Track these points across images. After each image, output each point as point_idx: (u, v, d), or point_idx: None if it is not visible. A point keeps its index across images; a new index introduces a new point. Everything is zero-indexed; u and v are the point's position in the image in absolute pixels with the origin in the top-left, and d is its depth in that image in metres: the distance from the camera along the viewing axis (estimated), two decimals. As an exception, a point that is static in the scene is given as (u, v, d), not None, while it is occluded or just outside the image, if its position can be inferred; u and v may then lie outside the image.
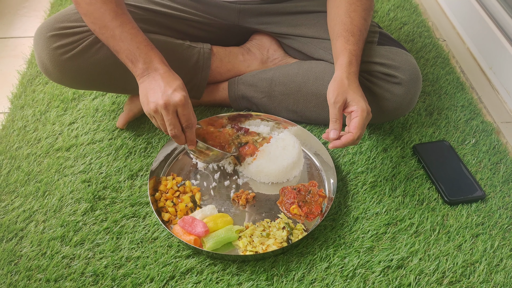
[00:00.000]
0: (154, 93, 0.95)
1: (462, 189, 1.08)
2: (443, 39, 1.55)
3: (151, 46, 0.99)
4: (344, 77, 0.98)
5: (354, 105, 0.96)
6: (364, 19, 1.04)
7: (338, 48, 1.02)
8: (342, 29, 1.03)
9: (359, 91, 0.98)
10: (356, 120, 0.95)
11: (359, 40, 1.02)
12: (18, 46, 1.52)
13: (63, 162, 1.13)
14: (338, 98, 0.96)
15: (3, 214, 1.02)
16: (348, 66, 0.99)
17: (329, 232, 1.00)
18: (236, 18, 1.22)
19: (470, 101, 1.30)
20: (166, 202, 1.03)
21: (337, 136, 0.96)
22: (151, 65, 0.97)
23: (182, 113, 0.95)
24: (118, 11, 0.98)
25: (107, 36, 0.98)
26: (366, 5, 1.06)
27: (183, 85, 0.97)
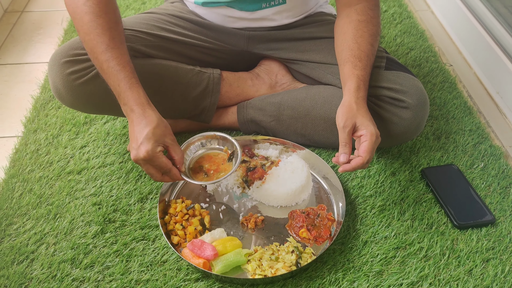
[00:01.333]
0: (131, 143, 0.98)
1: (472, 213, 1.07)
2: (450, 64, 1.56)
3: (131, 83, 0.98)
4: (352, 102, 0.99)
5: (363, 129, 0.97)
6: (371, 45, 1.06)
7: (345, 73, 1.04)
8: (350, 55, 1.05)
9: (368, 115, 0.99)
10: (365, 144, 0.96)
11: (367, 65, 1.04)
12: (32, 72, 1.56)
13: (74, 185, 1.15)
14: (347, 122, 0.97)
15: (15, 237, 1.03)
16: (356, 91, 1.00)
17: (338, 256, 1.00)
18: (245, 44, 1.25)
19: (478, 125, 1.31)
20: (175, 225, 1.04)
21: (347, 160, 0.97)
22: (127, 107, 0.98)
23: (153, 164, 0.97)
24: (110, 44, 0.98)
25: (99, 68, 1.00)
26: (373, 31, 1.08)
27: (154, 130, 0.95)
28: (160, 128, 0.97)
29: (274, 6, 1.18)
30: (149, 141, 0.94)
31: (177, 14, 1.25)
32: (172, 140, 0.99)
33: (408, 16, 1.77)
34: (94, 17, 0.97)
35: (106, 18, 0.98)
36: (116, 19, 1.01)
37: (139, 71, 1.11)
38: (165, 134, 0.98)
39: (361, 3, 1.09)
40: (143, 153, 0.94)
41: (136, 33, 1.16)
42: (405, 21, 1.74)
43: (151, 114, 0.97)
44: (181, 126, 1.26)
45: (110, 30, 0.98)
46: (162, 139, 0.97)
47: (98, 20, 0.98)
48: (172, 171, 0.99)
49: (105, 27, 0.98)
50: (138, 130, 0.96)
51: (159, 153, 0.96)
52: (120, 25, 1.02)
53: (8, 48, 1.66)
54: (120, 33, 1.02)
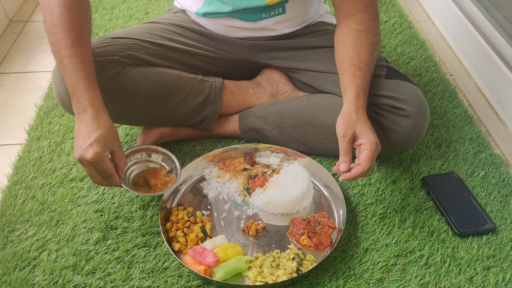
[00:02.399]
0: (77, 141, 0.97)
1: (472, 221, 1.07)
2: (450, 74, 1.57)
3: (90, 84, 0.98)
4: (352, 111, 1.00)
5: (363, 138, 0.97)
6: (370, 54, 1.07)
7: (345, 83, 1.05)
8: (349, 64, 1.06)
9: (368, 124, 1.00)
10: (365, 152, 0.96)
11: (366, 74, 1.05)
12: (36, 80, 1.57)
13: (77, 192, 1.15)
14: (347, 131, 0.98)
15: (17, 243, 1.04)
16: (356, 100, 1.01)
17: (339, 263, 1.00)
18: (247, 54, 1.26)
19: (478, 134, 1.31)
20: (177, 232, 1.04)
21: (347, 168, 0.97)
22: (80, 105, 0.97)
23: (97, 167, 0.97)
24: (76, 41, 0.98)
25: (58, 62, 1.00)
26: (372, 40, 1.09)
27: (105, 135, 0.96)
28: (111, 133, 0.97)
29: (274, 16, 1.20)
30: (98, 144, 0.94)
31: (179, 24, 1.26)
32: (119, 146, 1.00)
33: (408, 26, 1.78)
34: (65, 11, 0.98)
35: (77, 15, 0.99)
36: (86, 18, 1.02)
37: (141, 79, 1.13)
38: (114, 140, 0.98)
39: (360, 13, 1.10)
40: (90, 154, 0.94)
41: (140, 42, 1.18)
42: (406, 31, 1.76)
43: (104, 118, 0.97)
44: (183, 134, 1.27)
45: (79, 27, 0.99)
46: (110, 144, 0.97)
47: (68, 15, 0.98)
48: (113, 177, 0.99)
49: (75, 23, 0.98)
50: (89, 131, 0.95)
51: (105, 158, 0.96)
52: (88, 25, 1.03)
53: (12, 57, 1.68)
54: (87, 33, 1.02)
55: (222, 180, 1.17)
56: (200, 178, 1.19)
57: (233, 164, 1.21)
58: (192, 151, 1.27)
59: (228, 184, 1.16)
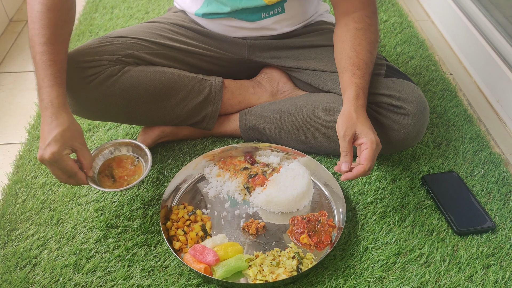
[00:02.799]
0: (39, 140, 0.96)
1: (472, 219, 1.08)
2: (450, 73, 1.57)
3: (55, 82, 0.97)
4: (352, 110, 1.00)
5: (363, 137, 0.98)
6: (369, 52, 1.07)
7: (345, 82, 1.05)
8: (348, 63, 1.06)
9: (368, 123, 1.00)
10: (366, 152, 0.97)
11: (365, 73, 1.05)
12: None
13: (77, 191, 1.15)
14: (347, 131, 0.99)
15: (18, 242, 1.04)
16: (355, 100, 1.02)
17: (339, 261, 1.01)
18: (247, 53, 1.27)
19: (478, 133, 1.32)
20: (177, 231, 1.04)
21: (348, 168, 0.98)
22: (43, 103, 0.97)
23: (58, 167, 0.96)
24: (51, 39, 0.98)
25: (32, 57, 1.00)
26: (371, 39, 1.09)
27: (63, 133, 0.95)
28: (70, 131, 0.96)
29: (274, 15, 1.20)
30: (56, 143, 0.94)
31: (179, 23, 1.27)
32: (81, 144, 0.99)
33: (408, 26, 1.78)
34: (45, 9, 0.99)
35: (57, 14, 0.99)
36: (67, 18, 1.02)
37: (142, 78, 1.13)
38: (74, 138, 0.97)
39: (358, 11, 1.10)
40: (48, 154, 0.93)
41: (140, 41, 1.18)
42: (406, 30, 1.76)
43: (63, 116, 0.96)
44: (184, 133, 1.28)
45: (56, 26, 0.99)
46: (70, 142, 0.96)
47: (48, 13, 0.98)
48: (77, 175, 0.98)
49: (52, 22, 0.99)
50: (48, 130, 0.95)
51: (65, 156, 0.95)
52: (68, 25, 1.03)
53: (12, 56, 1.68)
54: (65, 33, 1.02)
55: (222, 179, 1.17)
56: (200, 177, 1.19)
57: (233, 163, 1.21)
58: (192, 150, 1.27)
59: (228, 183, 1.16)
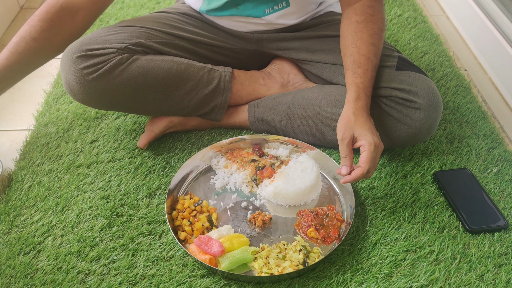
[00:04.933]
0: None
1: (484, 218, 1.05)
2: (465, 69, 1.54)
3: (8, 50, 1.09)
4: (350, 113, 1.00)
5: (362, 140, 0.97)
6: (372, 45, 1.05)
7: (347, 81, 1.05)
8: (350, 61, 1.05)
9: (367, 125, 0.99)
10: (364, 154, 0.96)
11: (367, 70, 1.03)
12: (45, 67, 1.55)
13: (83, 178, 1.14)
14: (345, 134, 0.98)
15: (22, 228, 1.03)
16: (355, 102, 1.01)
17: (347, 256, 0.98)
18: (255, 45, 1.25)
19: (492, 130, 1.29)
20: (182, 221, 1.03)
21: (348, 172, 0.97)
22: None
23: None
24: (25, 38, 1.10)
25: None
26: (374, 30, 1.06)
27: None
28: None
29: (278, 10, 1.18)
30: None
31: (188, 13, 1.25)
32: None
33: (423, 21, 1.75)
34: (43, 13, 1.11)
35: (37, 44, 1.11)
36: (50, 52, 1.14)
37: (151, 66, 1.12)
38: None
39: (360, 0, 1.08)
40: None
41: (149, 30, 1.16)
42: (420, 25, 1.73)
43: None
44: (192, 123, 1.26)
45: (40, 31, 1.11)
46: None
47: (45, 15, 1.10)
48: None
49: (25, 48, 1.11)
50: None
51: None
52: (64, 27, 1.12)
53: (22, 43, 1.67)
54: (46, 31, 1.11)
55: (230, 171, 1.16)
56: (207, 168, 1.18)
57: (241, 155, 1.20)
58: (200, 141, 1.25)
59: (236, 174, 1.15)
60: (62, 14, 1.11)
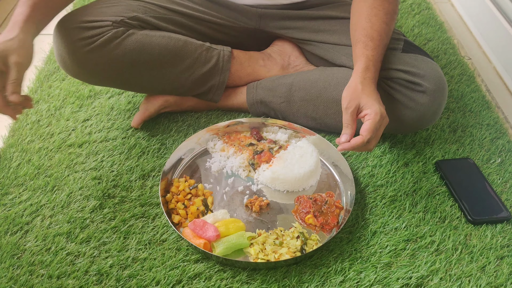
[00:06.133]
0: None
1: (487, 208, 1.02)
2: (469, 57, 1.51)
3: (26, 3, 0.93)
4: (358, 82, 0.95)
5: (368, 109, 0.92)
6: (385, 24, 1.01)
7: (356, 53, 1.00)
8: (362, 34, 1.00)
9: (374, 95, 0.95)
10: (368, 123, 0.91)
11: (379, 45, 0.99)
12: (37, 43, 1.48)
13: (75, 158, 1.10)
14: (351, 103, 0.93)
15: (10, 207, 0.99)
16: (363, 72, 0.96)
17: (345, 245, 0.96)
18: (257, 22, 1.20)
19: (496, 120, 1.26)
20: (177, 204, 0.99)
21: (347, 140, 0.92)
22: None
23: None
24: None
25: None
26: (389, 9, 1.03)
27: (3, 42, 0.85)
28: (13, 43, 0.85)
29: None
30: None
31: (188, -12, 1.20)
32: (18, 62, 0.85)
33: (427, 7, 1.71)
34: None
35: None
36: None
37: (147, 42, 1.07)
38: (13, 50, 0.84)
39: None
40: None
41: (146, 4, 1.12)
42: (424, 12, 1.69)
43: (16, 30, 0.88)
44: (188, 104, 1.22)
45: None
46: (5, 53, 0.84)
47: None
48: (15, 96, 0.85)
49: None
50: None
51: None
52: None
53: (14, 18, 1.61)
54: None
55: (226, 154, 1.12)
56: (203, 150, 1.14)
57: (238, 138, 1.16)
58: (196, 123, 1.21)
59: (232, 158, 1.11)
60: None
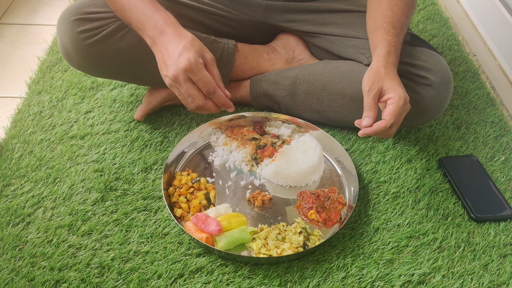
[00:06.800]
0: (164, 66, 0.88)
1: (490, 206, 1.02)
2: (474, 54, 1.50)
3: (157, 8, 0.92)
4: (381, 66, 0.92)
5: (391, 92, 0.89)
6: (406, 15, 1.00)
7: (377, 39, 0.97)
8: (383, 21, 0.99)
9: (397, 80, 0.93)
10: (391, 107, 0.88)
11: (400, 33, 0.98)
12: (40, 33, 1.50)
13: (77, 150, 1.10)
14: (374, 86, 0.90)
15: (12, 198, 0.99)
16: (386, 56, 0.94)
17: (348, 241, 0.95)
18: (263, 15, 1.19)
19: (500, 118, 1.25)
20: (179, 198, 0.99)
21: (370, 123, 0.89)
22: (156, 30, 0.90)
23: (195, 79, 0.86)
24: None
25: (119, 10, 0.94)
26: (409, 2, 1.02)
27: (192, 42, 0.88)
28: (198, 42, 0.89)
29: None
30: (189, 51, 0.86)
31: (194, -20, 1.19)
32: (211, 58, 0.89)
33: (432, 3, 1.70)
34: None
35: None
36: None
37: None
38: (204, 48, 0.89)
39: None
40: (184, 62, 0.84)
41: (151, -4, 1.11)
42: (429, 7, 1.68)
43: (184, 32, 0.90)
44: (191, 97, 1.21)
45: None
46: (201, 52, 0.88)
47: None
48: (217, 92, 0.88)
49: None
50: (174, 47, 0.87)
51: (202, 65, 0.86)
52: None
53: (17, 7, 1.61)
54: None
55: (229, 148, 1.12)
56: (205, 144, 1.14)
57: (241, 133, 1.15)
58: (199, 117, 1.21)
59: (235, 152, 1.11)
60: None
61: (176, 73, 0.86)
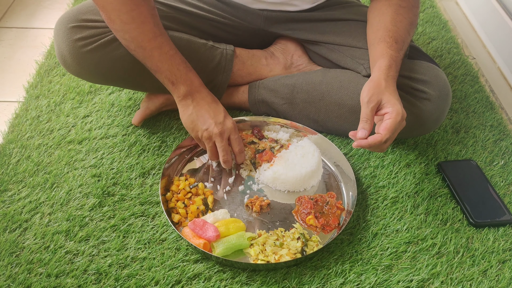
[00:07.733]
0: (204, 120, 0.99)
1: (489, 211, 1.02)
2: (473, 57, 1.50)
3: (189, 67, 1.01)
4: (382, 78, 0.92)
5: (389, 107, 0.89)
6: (407, 32, 1.01)
7: (378, 52, 0.97)
8: (386, 35, 0.99)
9: (396, 95, 0.92)
10: (388, 122, 0.88)
11: (401, 49, 0.98)
12: (38, 37, 1.50)
13: (74, 155, 1.10)
14: (373, 98, 0.90)
15: (9, 204, 0.99)
16: (387, 69, 0.94)
17: (346, 246, 0.95)
18: (262, 23, 1.19)
19: (499, 122, 1.25)
20: (177, 203, 0.99)
21: (365, 136, 0.89)
22: (193, 88, 1.00)
23: (233, 138, 1.02)
24: (156, 32, 0.96)
25: (144, 56, 0.97)
26: (412, 20, 1.02)
27: (224, 108, 1.03)
28: (228, 122, 1.02)
29: None
30: (229, 116, 1.02)
31: (193, -14, 1.19)
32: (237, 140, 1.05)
33: (431, 5, 1.70)
34: (134, 6, 0.93)
35: (146, 6, 0.94)
36: (153, 4, 0.98)
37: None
38: (230, 130, 1.03)
39: None
40: (231, 124, 1.00)
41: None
42: (428, 10, 1.68)
43: (216, 101, 1.03)
44: (190, 102, 1.21)
45: (153, 17, 0.96)
46: (227, 135, 1.03)
47: (139, 9, 0.94)
48: (243, 152, 1.06)
49: (147, 14, 0.95)
50: (215, 107, 1.00)
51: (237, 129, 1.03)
52: (156, 11, 0.98)
53: (15, 11, 1.60)
54: (158, 19, 0.99)
55: (227, 153, 1.11)
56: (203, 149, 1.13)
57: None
58: (198, 121, 1.20)
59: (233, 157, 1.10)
60: None
61: (222, 131, 1.00)
